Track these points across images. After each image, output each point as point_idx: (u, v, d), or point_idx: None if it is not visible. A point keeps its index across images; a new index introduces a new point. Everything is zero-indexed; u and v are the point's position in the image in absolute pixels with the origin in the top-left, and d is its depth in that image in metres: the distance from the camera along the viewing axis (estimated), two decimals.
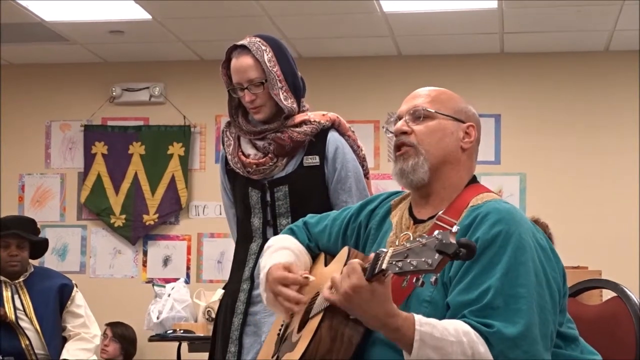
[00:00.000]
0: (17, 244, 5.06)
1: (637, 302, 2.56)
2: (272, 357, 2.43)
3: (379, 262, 1.93)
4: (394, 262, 1.89)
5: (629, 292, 2.60)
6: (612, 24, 6.49)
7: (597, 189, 7.00)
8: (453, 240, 1.82)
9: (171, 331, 6.38)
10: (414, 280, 1.90)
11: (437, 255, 1.83)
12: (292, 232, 2.62)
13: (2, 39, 6.81)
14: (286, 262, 2.42)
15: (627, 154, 6.98)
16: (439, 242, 1.82)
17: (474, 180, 2.34)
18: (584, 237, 6.82)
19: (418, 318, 2.01)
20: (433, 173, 2.27)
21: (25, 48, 7.21)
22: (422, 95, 2.35)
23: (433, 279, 1.88)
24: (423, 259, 1.85)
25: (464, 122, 2.31)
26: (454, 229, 1.87)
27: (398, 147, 2.31)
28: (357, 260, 2.04)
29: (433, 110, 2.30)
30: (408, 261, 1.87)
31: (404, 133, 2.30)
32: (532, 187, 7.10)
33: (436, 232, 1.85)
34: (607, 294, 2.77)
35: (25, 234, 5.08)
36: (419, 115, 2.30)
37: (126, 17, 6.48)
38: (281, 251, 2.52)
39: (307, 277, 2.38)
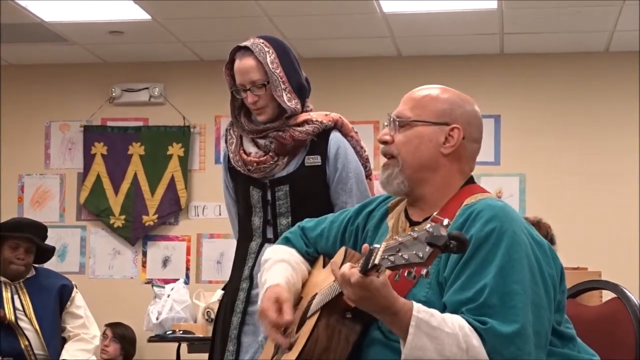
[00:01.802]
0: (26, 248, 5.06)
1: (636, 303, 2.56)
2: (272, 357, 2.43)
3: (372, 258, 1.93)
4: (386, 257, 1.90)
5: (628, 293, 2.60)
6: (612, 25, 6.48)
7: (597, 190, 6.99)
8: (444, 233, 1.82)
9: (170, 332, 6.37)
10: (405, 274, 1.91)
11: (427, 248, 1.83)
12: (287, 241, 2.62)
13: (2, 39, 6.81)
14: (278, 295, 2.39)
15: (627, 154, 6.98)
16: (430, 235, 1.83)
17: (470, 181, 2.31)
18: (583, 238, 6.81)
19: (417, 305, 2.01)
20: (412, 182, 2.27)
21: (25, 48, 7.21)
22: (408, 100, 2.33)
23: (424, 271, 1.89)
24: (414, 252, 1.85)
25: (447, 125, 2.26)
26: (445, 222, 1.87)
27: (384, 155, 2.33)
28: (348, 264, 2.04)
29: (410, 119, 2.28)
30: (400, 255, 1.87)
31: (386, 142, 2.31)
32: (531, 188, 7.09)
33: (427, 225, 1.85)
34: (607, 295, 2.77)
35: (36, 240, 5.08)
36: (395, 125, 2.30)
37: (126, 17, 6.47)
38: (278, 264, 2.52)
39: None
